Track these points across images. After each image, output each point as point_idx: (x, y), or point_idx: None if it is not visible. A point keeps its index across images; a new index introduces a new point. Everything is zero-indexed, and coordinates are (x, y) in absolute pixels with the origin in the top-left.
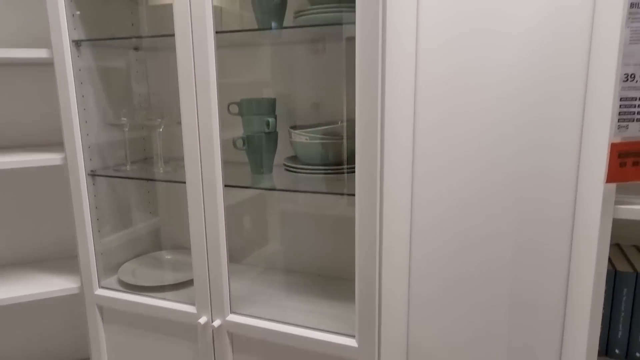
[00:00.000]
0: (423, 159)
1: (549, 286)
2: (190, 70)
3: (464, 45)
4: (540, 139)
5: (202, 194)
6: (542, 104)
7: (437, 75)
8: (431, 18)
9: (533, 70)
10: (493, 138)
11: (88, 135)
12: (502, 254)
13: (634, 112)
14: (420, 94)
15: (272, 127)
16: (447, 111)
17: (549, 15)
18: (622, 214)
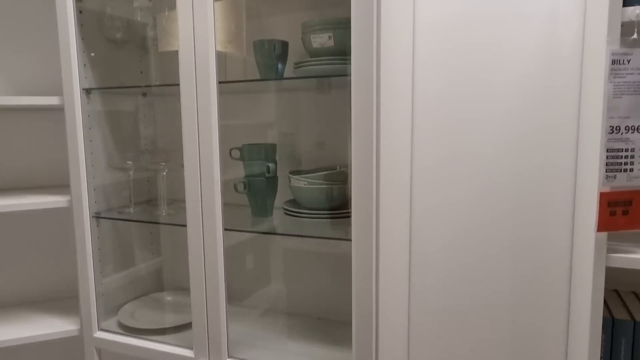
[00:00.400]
0: (420, 202)
1: (549, 334)
2: (193, 117)
3: (459, 92)
4: (535, 185)
5: (203, 238)
6: (535, 151)
7: (432, 121)
8: (426, 67)
9: (526, 118)
10: (489, 183)
11: (94, 178)
12: (501, 298)
13: (621, 163)
14: (417, 138)
15: (272, 172)
16: (443, 155)
17: (541, 65)
18: (614, 262)
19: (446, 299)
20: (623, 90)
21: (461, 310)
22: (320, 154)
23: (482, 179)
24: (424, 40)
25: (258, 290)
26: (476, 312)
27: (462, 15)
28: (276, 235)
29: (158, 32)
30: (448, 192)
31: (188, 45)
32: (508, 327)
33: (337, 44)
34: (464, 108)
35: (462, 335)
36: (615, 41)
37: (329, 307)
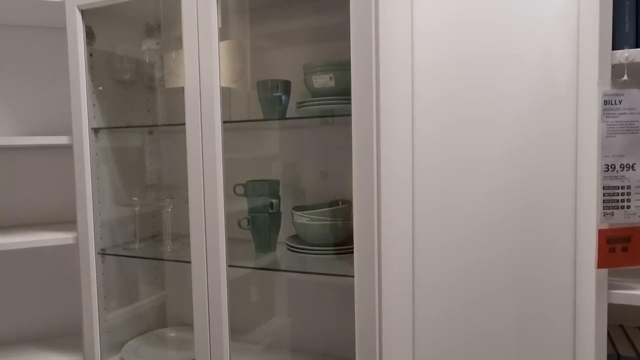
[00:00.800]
0: (422, 243)
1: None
2: (198, 155)
3: (457, 132)
4: (537, 224)
5: (206, 274)
6: (535, 189)
7: (431, 163)
8: (425, 108)
9: (524, 158)
10: (490, 226)
11: (100, 215)
12: (506, 338)
13: (617, 200)
14: (417, 179)
15: (275, 208)
16: (444, 198)
17: (536, 106)
18: (616, 299)
19: (450, 337)
20: (616, 129)
21: (466, 349)
22: (323, 189)
23: (483, 221)
24: (423, 81)
25: (262, 324)
26: (481, 350)
27: (460, 58)
28: (280, 277)
29: (165, 72)
30: (449, 235)
31: (194, 85)
32: None
33: (338, 84)
34: (462, 147)
35: None
36: (606, 83)
37: (334, 343)
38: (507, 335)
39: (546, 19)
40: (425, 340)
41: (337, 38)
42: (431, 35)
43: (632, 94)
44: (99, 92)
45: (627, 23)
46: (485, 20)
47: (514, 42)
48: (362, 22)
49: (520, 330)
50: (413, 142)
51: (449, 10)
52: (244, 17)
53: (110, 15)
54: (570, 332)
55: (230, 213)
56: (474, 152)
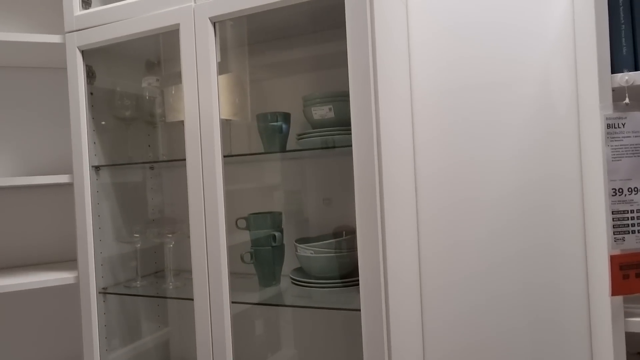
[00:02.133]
0: (431, 277)
1: None
2: (199, 190)
3: (457, 173)
4: (547, 259)
5: (210, 311)
6: (542, 221)
7: (434, 199)
8: (426, 145)
9: (530, 195)
10: (495, 259)
11: (101, 253)
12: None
13: (628, 225)
14: (422, 214)
15: (278, 240)
16: (449, 227)
17: (539, 136)
18: (633, 327)
19: None
20: (621, 153)
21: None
22: (327, 220)
23: (488, 238)
24: (422, 110)
25: (266, 357)
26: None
27: (458, 88)
28: (285, 312)
29: (165, 107)
30: (457, 267)
31: (193, 119)
32: None
33: (338, 115)
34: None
35: None
36: (608, 106)
37: None
38: None
39: (543, 46)
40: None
41: (336, 68)
42: (429, 66)
43: (636, 117)
44: (99, 130)
45: (624, 46)
46: (483, 49)
47: (511, 71)
48: (359, 52)
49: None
50: (415, 163)
51: (446, 42)
52: (243, 51)
53: (110, 53)
54: None
55: (233, 246)
56: (475, 187)
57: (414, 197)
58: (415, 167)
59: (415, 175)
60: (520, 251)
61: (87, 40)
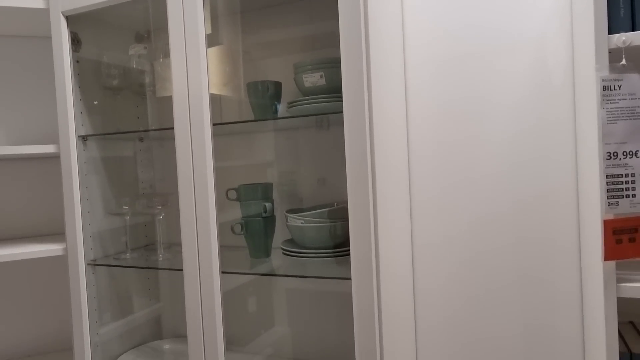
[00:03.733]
0: (421, 237)
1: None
2: (188, 160)
3: (453, 123)
4: (538, 219)
5: (199, 282)
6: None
7: (428, 153)
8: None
9: (521, 149)
10: (490, 216)
11: (90, 225)
12: (511, 341)
13: (622, 189)
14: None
15: (269, 211)
16: (442, 187)
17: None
18: (626, 292)
19: (453, 337)
20: (617, 115)
21: (470, 348)
22: (318, 192)
23: (482, 213)
24: (415, 77)
25: (258, 333)
26: (485, 350)
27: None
28: (277, 278)
29: (155, 79)
30: (448, 226)
31: (182, 88)
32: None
33: (329, 82)
34: (460, 142)
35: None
36: (604, 68)
37: (333, 350)
38: (513, 340)
39: (539, 12)
40: (428, 339)
41: (328, 37)
42: (423, 26)
43: (632, 79)
44: (86, 99)
45: (622, 8)
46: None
47: (507, 32)
48: (351, 18)
49: (526, 332)
50: (408, 136)
51: (441, 9)
52: (235, 21)
53: (97, 21)
54: (578, 328)
55: (224, 222)
56: (469, 145)
57: (406, 166)
58: (407, 136)
59: (408, 144)
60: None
61: (72, 5)
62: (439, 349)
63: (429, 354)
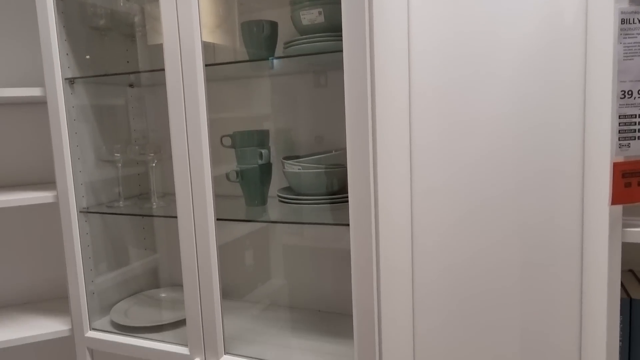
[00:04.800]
0: (421, 182)
1: (561, 318)
2: (180, 103)
3: (457, 65)
4: (541, 161)
5: (194, 229)
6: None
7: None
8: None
9: (529, 89)
10: (492, 160)
11: (81, 172)
12: (509, 283)
13: (634, 130)
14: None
15: (265, 158)
16: (444, 131)
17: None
18: (631, 237)
19: (451, 284)
20: (635, 51)
21: (467, 296)
22: (316, 139)
23: (485, 156)
24: (419, 15)
25: (256, 284)
26: (483, 297)
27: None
28: (273, 227)
29: (145, 19)
30: (449, 170)
31: (172, 29)
32: (518, 312)
33: (328, 20)
34: (463, 80)
35: (468, 321)
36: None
37: (330, 299)
38: (511, 282)
39: None
40: (426, 289)
41: None
42: None
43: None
44: (72, 41)
45: None
46: None
47: None
48: None
49: (524, 275)
50: (410, 75)
51: None
52: None
53: None
54: (577, 276)
55: (219, 173)
56: (474, 85)
57: (407, 107)
58: (409, 76)
59: (410, 84)
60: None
61: None
62: (436, 297)
63: (426, 303)
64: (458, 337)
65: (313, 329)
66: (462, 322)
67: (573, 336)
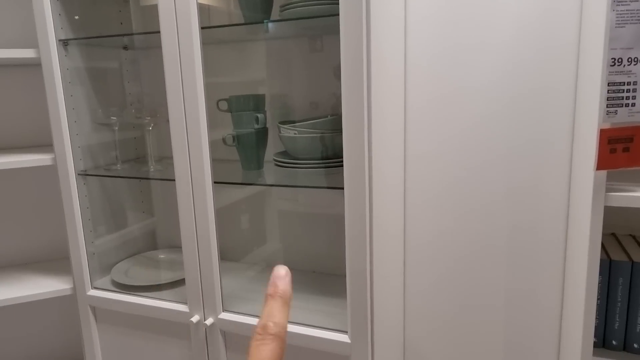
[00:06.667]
0: (415, 147)
1: (545, 278)
2: (176, 66)
3: (452, 27)
4: (533, 127)
5: (192, 191)
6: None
7: (426, 59)
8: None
9: (522, 51)
10: (484, 124)
11: (78, 135)
12: (497, 245)
13: (622, 97)
14: (410, 78)
15: (261, 123)
16: (437, 95)
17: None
18: (613, 201)
19: (441, 247)
20: (626, 19)
21: (456, 257)
22: (310, 104)
23: (477, 120)
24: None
25: (252, 246)
26: (471, 258)
27: None
28: (269, 191)
29: None
30: (442, 135)
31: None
32: (504, 271)
33: None
34: (459, 46)
35: (457, 282)
36: None
37: (324, 261)
38: (498, 242)
39: None
40: (417, 245)
41: None
42: None
43: None
44: (64, 1)
45: None
46: None
47: None
48: None
49: (511, 235)
50: (406, 40)
51: None
52: None
53: None
54: (561, 238)
55: (215, 139)
56: (466, 49)
57: (402, 72)
58: (405, 41)
59: (405, 49)
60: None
61: None
62: (427, 258)
63: (417, 263)
64: (447, 296)
65: (308, 289)
66: (452, 282)
67: (555, 294)
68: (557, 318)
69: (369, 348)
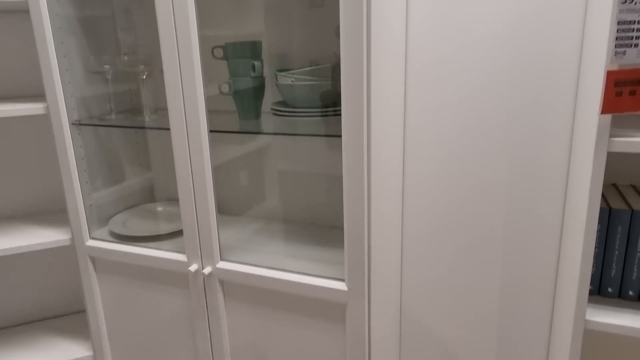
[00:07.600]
0: (416, 101)
1: (543, 225)
2: (169, 16)
3: None
4: (537, 72)
5: (187, 140)
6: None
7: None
8: None
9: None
10: (487, 76)
11: (70, 84)
12: (495, 192)
13: (632, 37)
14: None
15: (258, 70)
16: (440, 49)
17: None
18: (616, 146)
19: (439, 196)
20: None
21: (454, 212)
22: (309, 51)
23: (480, 73)
24: None
25: (250, 199)
26: (469, 213)
27: None
28: (267, 142)
29: None
30: (444, 89)
31: None
32: (501, 218)
33: None
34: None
35: (454, 235)
36: None
37: (323, 212)
38: (498, 190)
39: None
40: (415, 200)
41: None
42: None
43: None
44: None
45: None
46: None
47: None
48: None
49: (511, 187)
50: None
51: None
52: None
53: None
54: (562, 186)
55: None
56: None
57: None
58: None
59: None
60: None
61: None
62: (425, 200)
63: (414, 210)
64: (444, 247)
65: (305, 240)
66: (449, 232)
67: (553, 241)
68: (553, 266)
69: (365, 295)
